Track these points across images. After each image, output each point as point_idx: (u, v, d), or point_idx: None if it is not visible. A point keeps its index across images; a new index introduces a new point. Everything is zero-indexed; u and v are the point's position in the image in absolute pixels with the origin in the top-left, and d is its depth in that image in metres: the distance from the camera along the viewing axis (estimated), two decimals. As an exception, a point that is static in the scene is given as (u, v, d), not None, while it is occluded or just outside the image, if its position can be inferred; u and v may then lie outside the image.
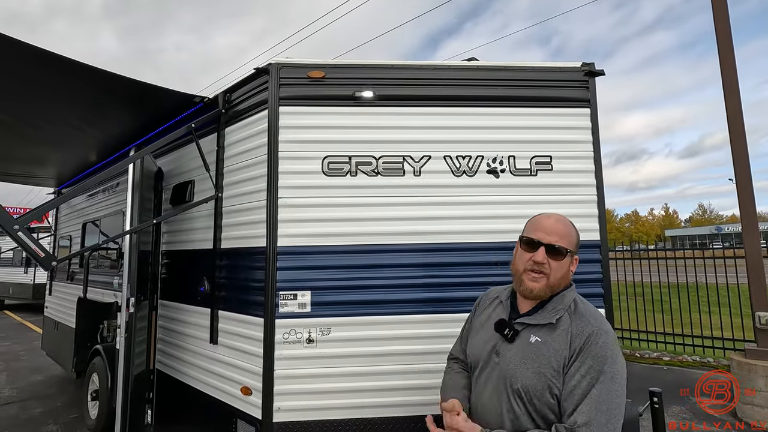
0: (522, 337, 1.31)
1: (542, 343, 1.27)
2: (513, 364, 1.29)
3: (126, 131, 3.78)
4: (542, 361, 1.24)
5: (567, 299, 1.32)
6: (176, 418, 3.19)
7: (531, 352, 1.27)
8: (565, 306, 1.30)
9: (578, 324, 1.25)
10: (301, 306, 2.36)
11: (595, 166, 2.60)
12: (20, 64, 2.49)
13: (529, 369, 1.25)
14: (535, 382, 1.23)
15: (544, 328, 1.29)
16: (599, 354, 1.19)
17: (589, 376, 1.17)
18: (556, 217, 1.39)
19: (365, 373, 2.33)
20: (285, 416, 2.28)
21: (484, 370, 1.38)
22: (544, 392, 1.22)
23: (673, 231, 62.75)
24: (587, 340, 1.21)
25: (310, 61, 2.55)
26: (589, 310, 1.31)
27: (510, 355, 1.31)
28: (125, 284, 2.69)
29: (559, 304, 1.31)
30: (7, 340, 9.46)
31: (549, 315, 1.29)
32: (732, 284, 7.08)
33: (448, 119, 2.56)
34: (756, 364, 4.38)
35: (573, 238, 1.36)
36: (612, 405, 1.16)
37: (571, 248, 1.35)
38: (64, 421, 4.63)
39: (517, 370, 1.27)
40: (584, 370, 1.18)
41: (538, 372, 1.24)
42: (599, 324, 1.25)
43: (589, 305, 1.34)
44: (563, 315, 1.29)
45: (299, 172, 2.46)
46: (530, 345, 1.28)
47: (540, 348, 1.26)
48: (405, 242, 2.43)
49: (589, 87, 2.65)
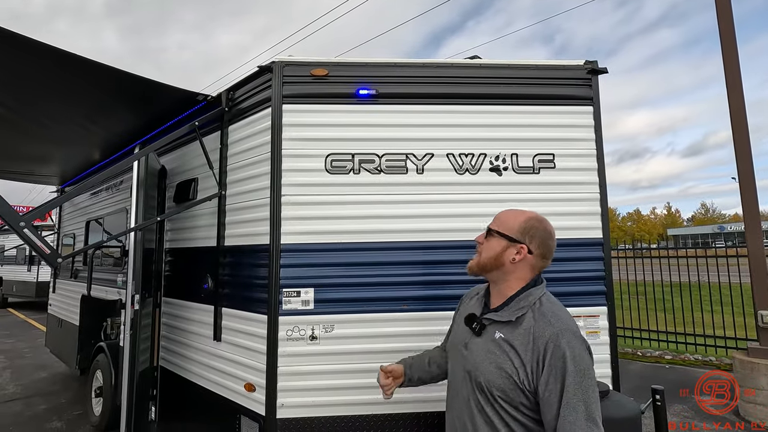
0: (488, 332, 1.36)
1: (505, 340, 1.30)
2: (477, 358, 1.34)
3: (129, 129, 3.80)
4: (503, 357, 1.27)
5: (533, 297, 1.34)
6: (180, 414, 3.21)
7: (494, 348, 1.31)
8: (529, 304, 1.32)
9: (540, 325, 1.26)
10: (305, 303, 2.37)
11: (598, 164, 2.60)
12: (26, 61, 2.50)
13: (491, 364, 1.29)
14: (495, 378, 1.27)
15: (507, 325, 1.32)
16: (563, 355, 1.20)
17: (559, 382, 1.18)
18: (511, 209, 1.47)
19: (369, 370, 2.33)
20: (288, 413, 2.29)
21: (454, 362, 1.46)
22: (508, 389, 1.25)
23: (676, 230, 62.61)
24: (549, 342, 1.22)
25: (313, 59, 2.56)
26: (553, 309, 1.31)
27: (475, 349, 1.36)
28: (130, 281, 2.71)
29: (523, 302, 1.33)
30: (11, 337, 9.52)
31: (512, 312, 1.33)
32: (735, 283, 7.07)
33: (450, 117, 2.56)
34: (758, 362, 4.37)
35: (514, 225, 1.39)
36: (588, 400, 1.18)
37: (504, 232, 1.39)
38: (69, 417, 4.66)
39: (480, 365, 1.32)
40: (554, 375, 1.19)
41: (498, 367, 1.27)
42: (561, 324, 1.25)
43: (555, 304, 1.34)
44: (527, 312, 1.31)
45: (302, 170, 2.47)
46: (494, 341, 1.32)
47: (502, 345, 1.29)
48: (408, 240, 2.44)
49: (592, 85, 2.65)
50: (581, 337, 1.25)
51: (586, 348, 1.24)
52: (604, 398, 2.01)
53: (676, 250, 8.02)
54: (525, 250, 1.37)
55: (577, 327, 1.28)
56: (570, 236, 2.52)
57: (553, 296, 1.39)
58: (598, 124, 2.63)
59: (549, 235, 1.39)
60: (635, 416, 1.95)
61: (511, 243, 1.38)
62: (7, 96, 3.01)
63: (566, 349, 1.20)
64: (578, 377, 1.18)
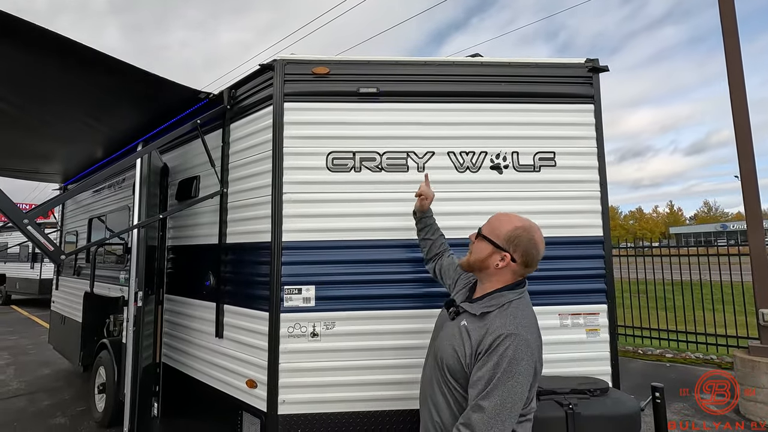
0: (458, 319, 1.50)
1: (466, 328, 1.44)
2: (443, 338, 1.51)
3: (132, 126, 3.80)
4: (459, 341, 1.42)
5: (504, 299, 1.44)
6: (182, 410, 3.23)
7: (456, 333, 1.46)
8: (498, 303, 1.43)
9: (496, 322, 1.37)
10: (306, 300, 2.38)
11: (599, 162, 2.60)
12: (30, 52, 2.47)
13: (450, 346, 1.45)
14: (449, 359, 1.43)
15: (473, 317, 1.45)
16: (504, 354, 1.29)
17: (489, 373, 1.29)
18: (506, 214, 1.58)
19: (369, 367, 2.36)
20: (289, 409, 2.31)
21: (432, 339, 1.64)
22: (456, 368, 1.40)
23: (678, 228, 62.40)
24: (497, 339, 1.32)
25: (314, 57, 2.57)
26: (516, 314, 1.39)
27: (445, 331, 1.53)
28: (133, 278, 2.73)
29: (494, 300, 1.45)
30: (15, 334, 9.58)
31: (480, 307, 1.45)
32: (736, 282, 7.06)
33: (451, 115, 2.57)
34: (759, 361, 4.37)
35: (501, 233, 1.49)
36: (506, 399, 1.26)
37: (492, 238, 1.50)
38: (72, 413, 4.70)
39: (442, 344, 1.49)
40: (489, 366, 1.30)
41: (453, 349, 1.42)
42: (515, 328, 1.34)
43: (521, 310, 1.41)
44: (493, 311, 1.42)
45: (304, 168, 2.48)
46: (460, 327, 1.46)
47: (462, 332, 1.44)
48: (409, 238, 2.45)
49: (593, 83, 2.65)
50: (530, 345, 1.32)
51: (530, 356, 1.31)
52: (604, 395, 2.02)
53: (678, 248, 8.01)
54: (508, 258, 1.46)
55: (533, 336, 1.36)
56: (570, 234, 2.53)
57: (526, 302, 1.47)
58: (599, 122, 2.63)
59: (533, 245, 1.46)
60: (634, 413, 1.96)
61: (497, 250, 1.48)
62: (12, 93, 3.01)
63: (507, 350, 1.29)
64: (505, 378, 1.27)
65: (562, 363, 2.38)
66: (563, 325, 2.47)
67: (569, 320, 2.48)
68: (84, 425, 4.36)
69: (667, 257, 7.67)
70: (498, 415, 1.25)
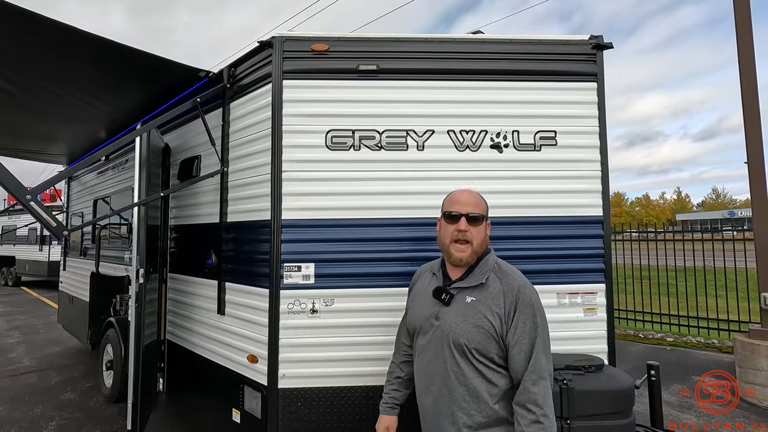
0: (458, 300, 1.50)
1: (477, 301, 1.47)
2: (452, 323, 1.48)
3: (134, 106, 3.81)
4: (479, 316, 1.44)
5: (490, 262, 1.54)
6: (187, 386, 3.31)
7: (468, 310, 1.46)
8: (490, 267, 1.52)
9: (507, 281, 1.47)
10: (305, 278, 2.41)
11: (600, 141, 2.58)
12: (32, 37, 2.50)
13: (468, 324, 1.45)
14: (475, 335, 1.43)
15: (476, 289, 1.49)
16: (528, 303, 1.43)
17: (528, 326, 1.42)
18: (468, 191, 1.62)
19: (367, 343, 2.39)
20: (289, 383, 2.36)
21: (426, 336, 1.56)
22: (486, 343, 1.43)
23: (685, 215, 61.84)
24: (518, 294, 1.44)
25: (313, 34, 2.54)
26: (510, 268, 1.55)
27: (449, 317, 1.50)
28: (135, 256, 2.77)
29: (485, 267, 1.53)
30: (25, 314, 9.79)
31: (478, 277, 1.50)
32: (741, 268, 7.03)
33: (452, 93, 2.54)
34: (759, 344, 4.39)
35: (484, 205, 1.61)
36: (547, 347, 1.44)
37: (485, 214, 1.59)
38: (81, 389, 4.83)
39: (457, 327, 1.46)
40: (523, 320, 1.42)
41: (476, 326, 1.44)
42: (521, 277, 1.50)
43: (507, 264, 1.57)
44: (490, 275, 1.50)
45: (303, 146, 2.47)
46: (466, 305, 1.48)
47: (476, 306, 1.46)
48: (408, 216, 2.46)
49: (596, 60, 2.60)
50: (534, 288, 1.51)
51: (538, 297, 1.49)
52: (598, 372, 2.05)
53: (682, 234, 7.95)
54: (488, 223, 1.61)
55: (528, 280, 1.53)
56: (570, 214, 2.52)
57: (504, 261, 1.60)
58: (602, 101, 2.59)
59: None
60: (628, 388, 1.98)
61: (485, 221, 1.58)
62: (12, 72, 3.02)
63: (531, 298, 1.44)
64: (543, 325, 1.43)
65: (559, 341, 2.39)
66: (561, 303, 2.48)
67: (567, 299, 2.49)
68: (93, 400, 4.49)
69: (671, 243, 7.64)
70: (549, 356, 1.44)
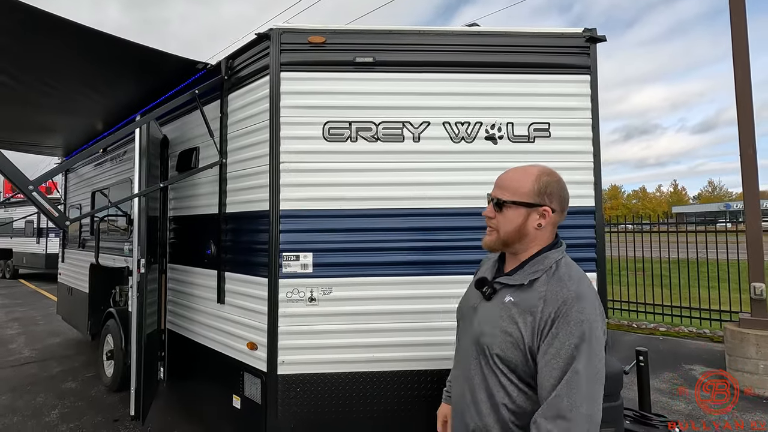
0: (498, 296, 1.28)
1: (514, 303, 1.22)
2: (483, 322, 1.28)
3: (132, 98, 3.82)
4: (509, 321, 1.21)
5: (549, 260, 1.24)
6: (187, 373, 3.37)
7: (503, 312, 1.24)
8: (545, 267, 1.23)
9: (553, 288, 1.18)
10: (304, 267, 2.46)
11: (593, 133, 2.62)
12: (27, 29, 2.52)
13: (496, 327, 1.23)
14: (499, 341, 1.20)
15: (518, 289, 1.24)
16: (576, 321, 1.11)
17: (566, 349, 1.10)
18: (513, 169, 1.33)
19: (364, 330, 2.45)
20: (288, 369, 2.42)
21: (464, 324, 1.41)
22: (510, 352, 1.19)
23: (681, 208, 62.11)
24: (563, 305, 1.13)
25: (310, 26, 2.56)
26: (570, 273, 1.22)
27: (483, 313, 1.30)
28: (135, 246, 2.81)
29: (539, 265, 1.24)
30: (24, 306, 9.82)
31: (524, 276, 1.25)
32: (734, 260, 7.13)
33: (447, 85, 2.57)
34: (749, 333, 4.49)
35: (525, 188, 1.26)
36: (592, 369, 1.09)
37: (519, 199, 1.25)
38: (82, 378, 4.89)
39: (485, 327, 1.26)
40: (561, 340, 1.10)
41: (503, 331, 1.21)
42: (577, 288, 1.16)
43: (573, 268, 1.24)
44: (541, 276, 1.22)
45: (301, 138, 2.51)
46: (503, 305, 1.25)
47: (511, 309, 1.22)
48: (404, 207, 2.50)
49: (590, 53, 2.64)
50: (596, 303, 1.17)
51: (600, 314, 1.15)
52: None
53: (676, 226, 8.05)
54: (549, 210, 1.25)
55: (593, 292, 1.19)
56: (563, 204, 2.57)
57: (571, 260, 1.28)
58: (595, 94, 2.64)
59: (563, 186, 1.29)
60: (617, 373, 2.06)
61: (532, 209, 1.25)
62: (11, 65, 3.02)
63: (582, 316, 1.11)
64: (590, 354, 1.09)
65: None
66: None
67: (559, 288, 2.55)
68: (94, 389, 4.55)
69: (665, 235, 7.73)
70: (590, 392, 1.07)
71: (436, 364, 2.42)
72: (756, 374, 4.40)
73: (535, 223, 1.26)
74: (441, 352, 2.41)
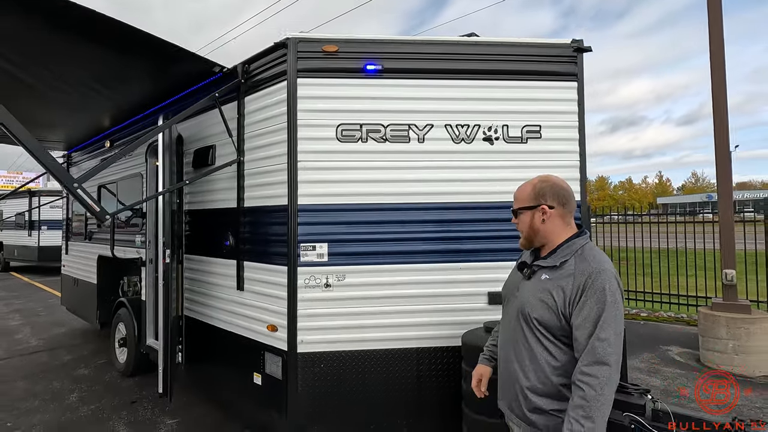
0: (536, 276, 1.59)
1: (550, 279, 1.54)
2: (525, 296, 1.59)
3: (144, 95, 3.94)
4: (545, 293, 1.52)
5: (575, 246, 1.55)
6: (204, 356, 3.61)
7: (540, 285, 1.55)
8: (572, 251, 1.53)
9: (580, 265, 1.49)
10: (320, 256, 2.72)
11: (579, 135, 2.92)
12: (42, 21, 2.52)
13: (535, 299, 1.54)
14: (540, 310, 1.52)
15: (551, 269, 1.55)
16: (599, 287, 1.42)
17: (594, 309, 1.41)
18: (523, 184, 1.68)
19: (374, 312, 2.73)
20: (307, 348, 2.69)
21: (508, 304, 1.71)
22: (547, 316, 1.50)
23: (666, 198, 63.61)
24: (588, 278, 1.44)
25: (324, 35, 2.79)
26: (593, 254, 1.53)
27: (525, 290, 1.61)
28: (160, 238, 3.03)
29: (567, 249, 1.55)
30: (20, 298, 9.89)
31: (556, 259, 1.55)
32: (710, 249, 7.56)
33: (448, 91, 2.84)
34: (720, 315, 4.88)
35: (526, 196, 1.63)
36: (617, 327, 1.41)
37: (523, 206, 1.63)
38: (94, 365, 5.10)
39: (527, 299, 1.57)
40: (590, 305, 1.42)
41: (541, 300, 1.52)
42: (599, 264, 1.47)
43: (595, 250, 1.56)
44: (569, 259, 1.53)
45: (316, 139, 2.75)
46: (540, 281, 1.56)
47: (547, 283, 1.54)
48: (410, 201, 2.78)
49: (577, 62, 2.92)
50: (615, 276, 1.47)
51: (618, 285, 1.46)
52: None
53: (658, 217, 8.48)
54: (545, 207, 1.58)
55: (612, 267, 1.50)
56: (552, 199, 2.87)
57: (594, 245, 1.60)
58: (581, 99, 2.93)
59: (557, 186, 1.61)
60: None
61: (532, 210, 1.60)
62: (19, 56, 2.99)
63: (603, 283, 1.42)
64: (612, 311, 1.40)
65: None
66: (543, 277, 2.85)
67: (548, 273, 2.86)
68: (108, 375, 4.77)
69: (647, 226, 8.15)
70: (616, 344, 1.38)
71: (442, 342, 2.73)
72: (725, 353, 4.80)
73: (539, 219, 1.59)
74: (444, 331, 2.71)
